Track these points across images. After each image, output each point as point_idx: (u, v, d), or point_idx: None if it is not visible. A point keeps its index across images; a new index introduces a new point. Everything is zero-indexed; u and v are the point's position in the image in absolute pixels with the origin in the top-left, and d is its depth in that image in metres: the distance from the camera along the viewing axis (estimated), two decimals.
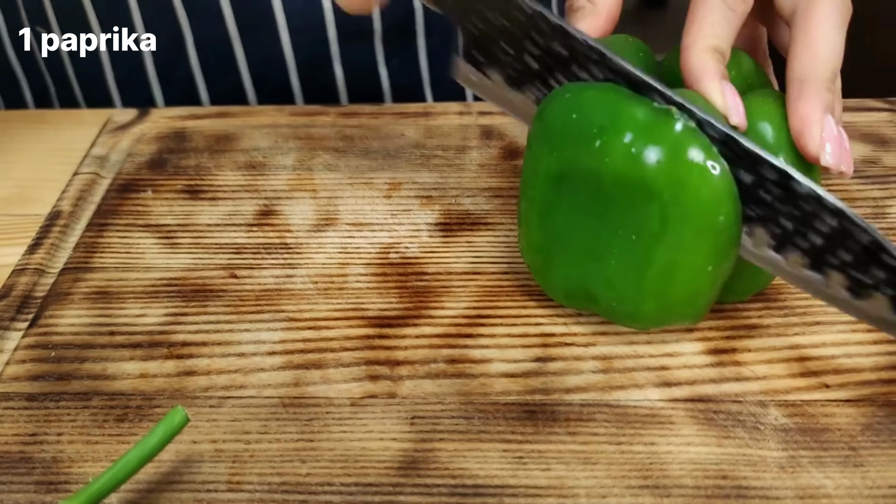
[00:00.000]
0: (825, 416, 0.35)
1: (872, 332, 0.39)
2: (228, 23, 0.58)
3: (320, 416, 0.36)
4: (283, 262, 0.44)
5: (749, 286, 0.40)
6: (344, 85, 0.62)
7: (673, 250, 0.34)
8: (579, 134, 0.34)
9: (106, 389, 0.38)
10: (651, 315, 0.37)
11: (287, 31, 0.59)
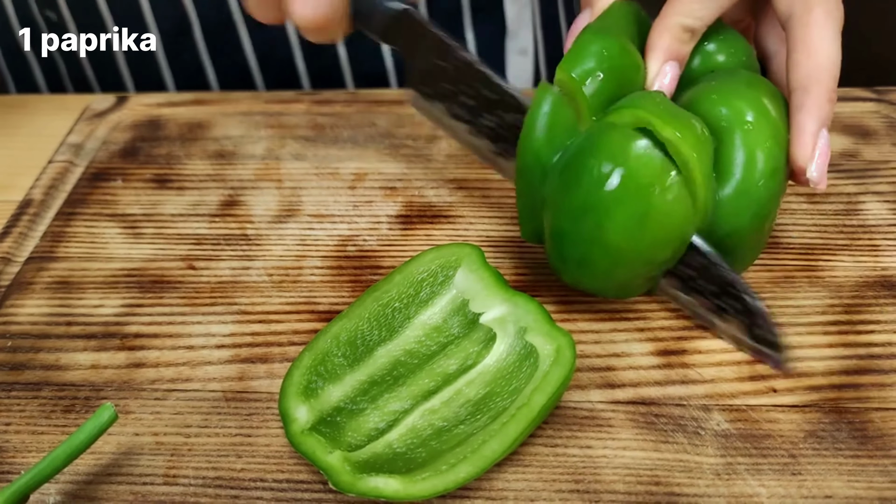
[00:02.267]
0: (769, 421, 0.35)
1: (829, 334, 0.38)
2: (232, 6, 0.59)
3: (260, 412, 0.36)
4: (242, 254, 0.44)
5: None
6: (348, 63, 0.62)
7: None
8: None
9: (57, 380, 0.38)
10: None
11: None
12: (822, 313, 0.39)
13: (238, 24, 0.59)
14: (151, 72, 0.62)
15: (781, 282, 0.40)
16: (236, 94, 0.55)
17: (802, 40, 0.36)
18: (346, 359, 0.36)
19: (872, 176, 0.45)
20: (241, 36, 0.60)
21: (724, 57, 0.39)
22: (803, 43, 0.36)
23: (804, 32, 0.36)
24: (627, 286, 0.38)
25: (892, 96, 0.50)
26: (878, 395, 0.35)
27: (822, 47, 0.36)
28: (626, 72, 0.37)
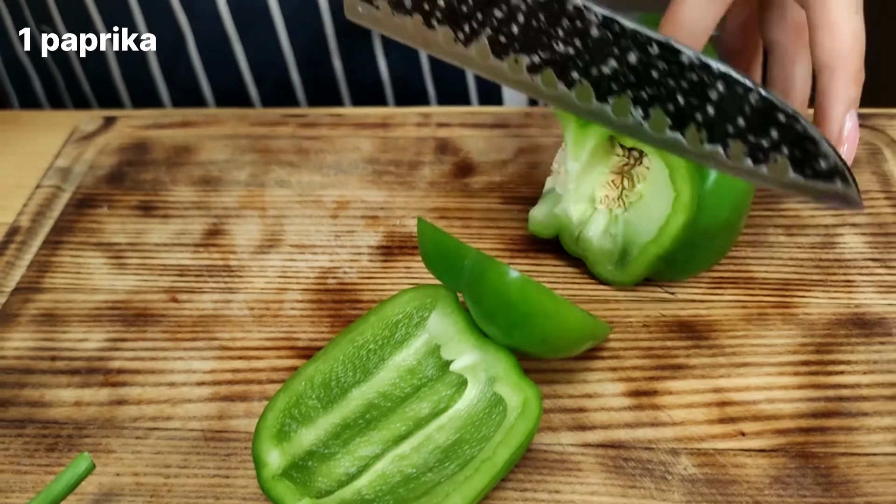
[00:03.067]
0: (735, 466, 0.35)
1: (799, 375, 0.38)
2: (227, 23, 0.59)
3: (238, 452, 0.37)
4: (224, 286, 0.44)
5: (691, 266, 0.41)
6: (343, 77, 0.62)
7: None
8: None
9: (41, 417, 0.39)
10: None
11: (285, 29, 0.60)
12: (794, 353, 0.39)
13: (232, 39, 0.59)
14: (147, 87, 0.62)
15: (755, 319, 0.41)
16: (224, 114, 0.55)
17: (824, 19, 0.35)
18: (321, 401, 0.37)
19: None
20: (236, 50, 0.60)
21: None
22: (825, 22, 0.35)
23: (824, 11, 0.35)
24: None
25: (876, 121, 0.50)
26: (845, 440, 0.36)
27: (845, 25, 0.35)
28: None
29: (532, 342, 0.35)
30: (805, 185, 0.31)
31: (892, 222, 0.44)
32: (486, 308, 0.35)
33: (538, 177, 0.48)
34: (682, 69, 0.31)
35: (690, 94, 0.32)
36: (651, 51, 0.32)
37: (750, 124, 0.31)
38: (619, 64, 0.32)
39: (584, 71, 0.33)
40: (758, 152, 0.31)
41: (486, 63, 0.35)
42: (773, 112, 0.31)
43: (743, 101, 0.31)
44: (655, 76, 0.32)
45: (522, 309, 0.34)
